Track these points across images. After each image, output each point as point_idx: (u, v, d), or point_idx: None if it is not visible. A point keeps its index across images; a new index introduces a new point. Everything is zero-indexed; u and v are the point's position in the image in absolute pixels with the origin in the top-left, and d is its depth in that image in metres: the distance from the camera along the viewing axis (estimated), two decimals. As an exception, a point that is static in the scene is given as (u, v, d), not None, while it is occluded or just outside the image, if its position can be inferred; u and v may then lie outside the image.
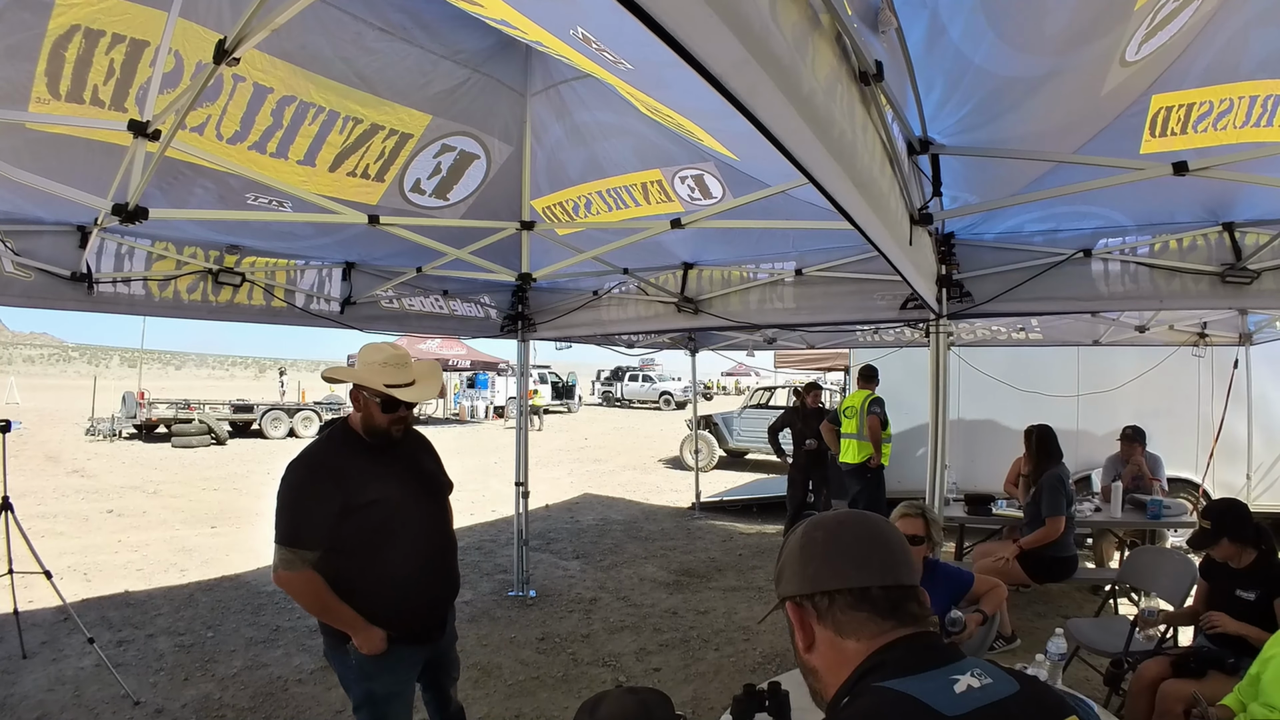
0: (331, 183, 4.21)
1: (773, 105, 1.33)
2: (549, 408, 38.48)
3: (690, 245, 5.77)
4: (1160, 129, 3.54)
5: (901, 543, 1.36)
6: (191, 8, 2.91)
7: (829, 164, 1.65)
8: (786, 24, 1.29)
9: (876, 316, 5.65)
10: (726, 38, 1.08)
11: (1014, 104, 2.79)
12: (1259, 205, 4.42)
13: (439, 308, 6.86)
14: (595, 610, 7.35)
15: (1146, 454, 8.21)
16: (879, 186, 2.15)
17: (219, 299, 5.36)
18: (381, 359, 3.31)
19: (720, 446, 18.94)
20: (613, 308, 6.78)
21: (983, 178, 3.69)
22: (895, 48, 2.20)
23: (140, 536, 10.29)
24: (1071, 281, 4.94)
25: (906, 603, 1.28)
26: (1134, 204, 4.61)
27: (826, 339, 10.72)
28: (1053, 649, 3.33)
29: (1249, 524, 4.16)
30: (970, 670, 1.16)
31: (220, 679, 5.60)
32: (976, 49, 2.37)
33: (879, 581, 1.28)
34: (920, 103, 2.68)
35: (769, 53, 1.22)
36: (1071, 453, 9.64)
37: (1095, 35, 2.48)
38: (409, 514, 3.35)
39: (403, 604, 3.32)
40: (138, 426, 22.78)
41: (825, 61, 1.57)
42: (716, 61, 1.15)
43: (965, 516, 7.61)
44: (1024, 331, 9.13)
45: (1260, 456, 9.37)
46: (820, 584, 1.31)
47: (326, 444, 3.35)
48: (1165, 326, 8.46)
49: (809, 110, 1.44)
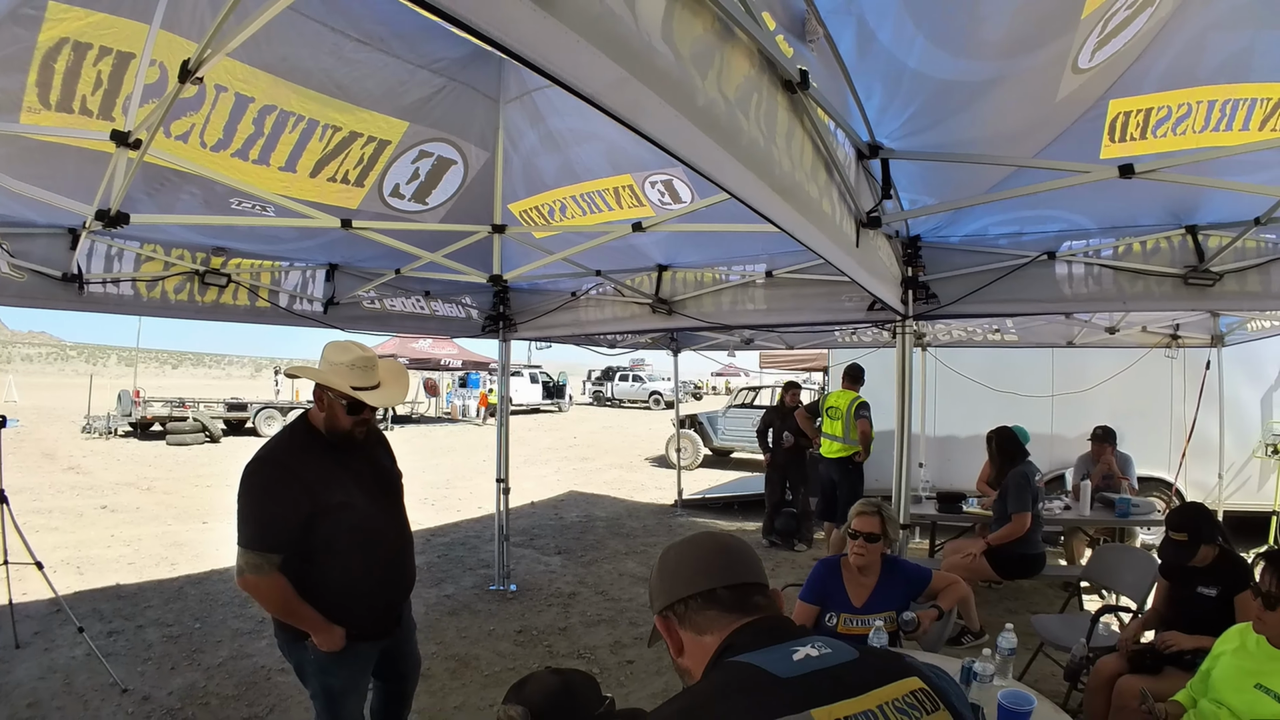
0: (313, 188, 4.32)
1: (661, 119, 1.42)
2: (540, 407, 38.64)
3: (664, 248, 5.89)
4: (1119, 133, 3.63)
5: (742, 550, 1.59)
6: (174, 21, 3.00)
7: (739, 171, 1.73)
8: (683, 41, 1.43)
9: (845, 317, 5.75)
10: (600, 61, 1.20)
11: (960, 107, 2.84)
12: (1221, 208, 4.52)
13: (420, 308, 6.99)
14: (574, 604, 7.49)
15: (1117, 454, 8.33)
16: (806, 191, 2.23)
17: (205, 299, 5.49)
18: (348, 360, 3.29)
19: (705, 445, 19.08)
20: (591, 308, 6.92)
21: (940, 181, 3.77)
22: (828, 55, 2.28)
23: (133, 531, 10.41)
24: (1036, 283, 5.06)
25: (751, 596, 1.50)
26: (1097, 207, 4.72)
27: (805, 339, 10.86)
28: (1002, 644, 3.41)
29: (1217, 524, 4.29)
30: (812, 643, 1.35)
31: (206, 668, 5.73)
32: (909, 53, 2.42)
33: (722, 583, 1.49)
34: (862, 108, 2.75)
35: (653, 70, 1.34)
36: (1046, 452, 9.86)
37: (1041, 43, 2.55)
38: (371, 515, 3.37)
39: (364, 604, 3.37)
40: (133, 424, 22.81)
41: (739, 72, 1.70)
42: (589, 83, 1.25)
43: (936, 514, 7.76)
44: (999, 333, 9.28)
45: (1232, 456, 9.47)
46: (675, 594, 1.53)
47: (288, 443, 3.32)
48: (1138, 328, 8.63)
49: (707, 121, 1.54)
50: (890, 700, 1.28)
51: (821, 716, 1.20)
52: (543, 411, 38.79)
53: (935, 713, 1.31)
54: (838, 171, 2.66)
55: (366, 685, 3.63)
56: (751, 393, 20.03)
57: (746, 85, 1.76)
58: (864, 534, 3.86)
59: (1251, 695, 3.01)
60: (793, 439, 10.15)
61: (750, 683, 1.27)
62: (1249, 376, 9.75)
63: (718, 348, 12.05)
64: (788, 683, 1.25)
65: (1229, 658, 3.25)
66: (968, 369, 10.49)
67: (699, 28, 1.51)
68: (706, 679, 1.39)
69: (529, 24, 1.07)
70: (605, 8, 1.20)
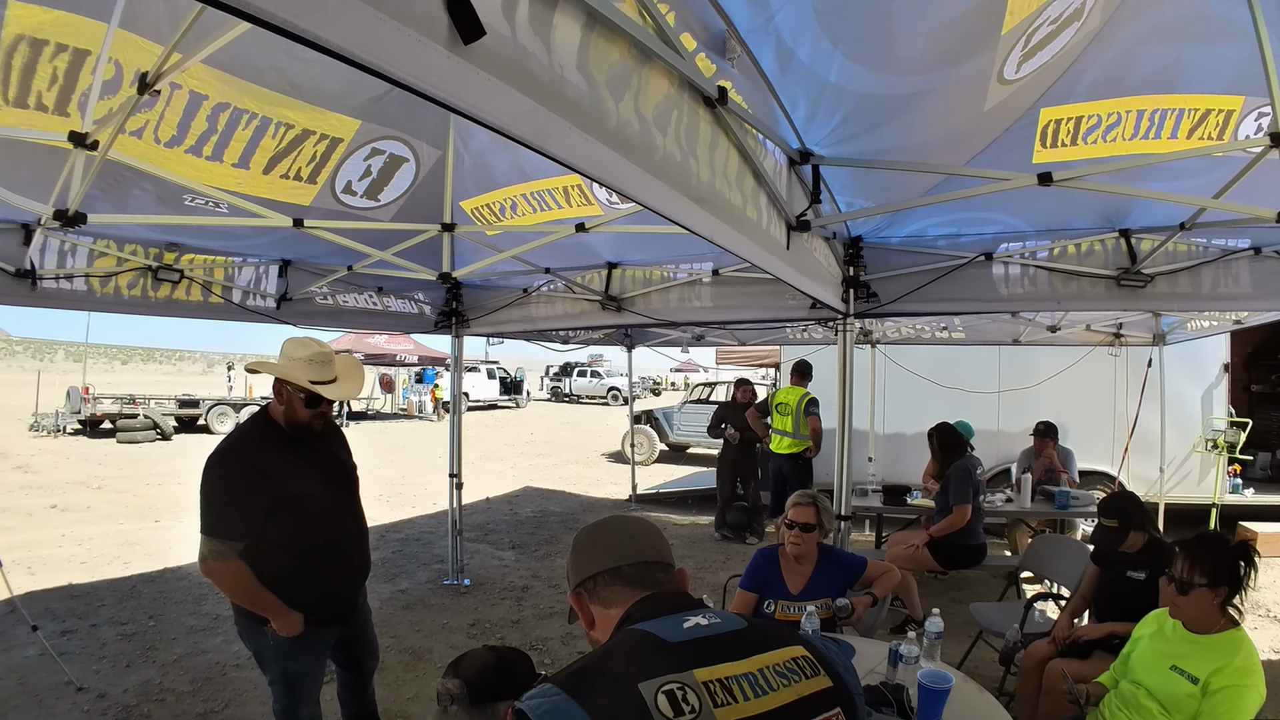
0: (265, 184, 4.34)
1: (569, 142, 1.51)
2: (497, 403, 38.50)
3: (614, 246, 5.96)
4: (1051, 140, 3.75)
5: (646, 531, 1.74)
6: (131, 20, 3.03)
7: (651, 183, 1.82)
8: (598, 68, 1.54)
9: (788, 315, 5.86)
10: (509, 95, 1.31)
11: (884, 119, 2.94)
12: (1154, 213, 4.68)
13: (373, 304, 7.02)
14: (527, 598, 7.57)
15: (1058, 448, 8.58)
16: (728, 199, 2.33)
17: (158, 295, 5.48)
18: (306, 355, 3.43)
19: (661, 440, 19.20)
20: (541, 305, 7.01)
21: (875, 185, 3.88)
22: (752, 71, 2.37)
23: (85, 531, 10.29)
24: (974, 283, 5.21)
25: (653, 573, 1.64)
26: (1033, 211, 4.88)
27: (757, 336, 10.99)
28: (930, 628, 3.50)
29: (1146, 512, 4.46)
30: (703, 614, 1.49)
31: (161, 665, 5.73)
32: (829, 69, 2.50)
33: (626, 560, 1.64)
34: (790, 118, 2.84)
35: (562, 99, 1.45)
36: (992, 447, 10.08)
37: (962, 59, 2.64)
38: (328, 505, 3.53)
39: (321, 590, 3.50)
40: (82, 422, 22.38)
41: (658, 91, 1.81)
42: (497, 116, 1.34)
43: (881, 506, 7.97)
44: (947, 331, 9.48)
45: (1173, 451, 9.79)
46: (585, 572, 1.67)
47: (249, 435, 3.46)
48: (1082, 327, 8.84)
49: (618, 140, 1.64)
50: (770, 665, 1.40)
51: (703, 675, 1.32)
52: (500, 407, 38.65)
53: (815, 677, 1.43)
54: (766, 178, 2.77)
55: (324, 670, 3.76)
56: (707, 388, 20.19)
57: (666, 103, 1.87)
58: (800, 524, 4.00)
59: (1166, 676, 3.16)
60: (737, 434, 10.32)
61: (640, 646, 1.40)
62: (1190, 374, 10.08)
63: (671, 344, 12.12)
64: (675, 646, 1.38)
65: (1147, 641, 3.40)
66: (917, 366, 10.72)
67: (615, 54, 1.62)
68: (604, 645, 1.52)
69: (445, 69, 1.17)
70: (518, 47, 1.31)
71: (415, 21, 1.10)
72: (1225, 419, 9.96)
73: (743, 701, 1.32)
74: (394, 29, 1.06)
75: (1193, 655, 3.12)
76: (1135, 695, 3.27)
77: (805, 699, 1.39)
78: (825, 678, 1.45)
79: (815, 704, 1.40)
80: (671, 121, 1.90)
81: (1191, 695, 3.04)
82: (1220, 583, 3.07)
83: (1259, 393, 12.46)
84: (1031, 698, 4.27)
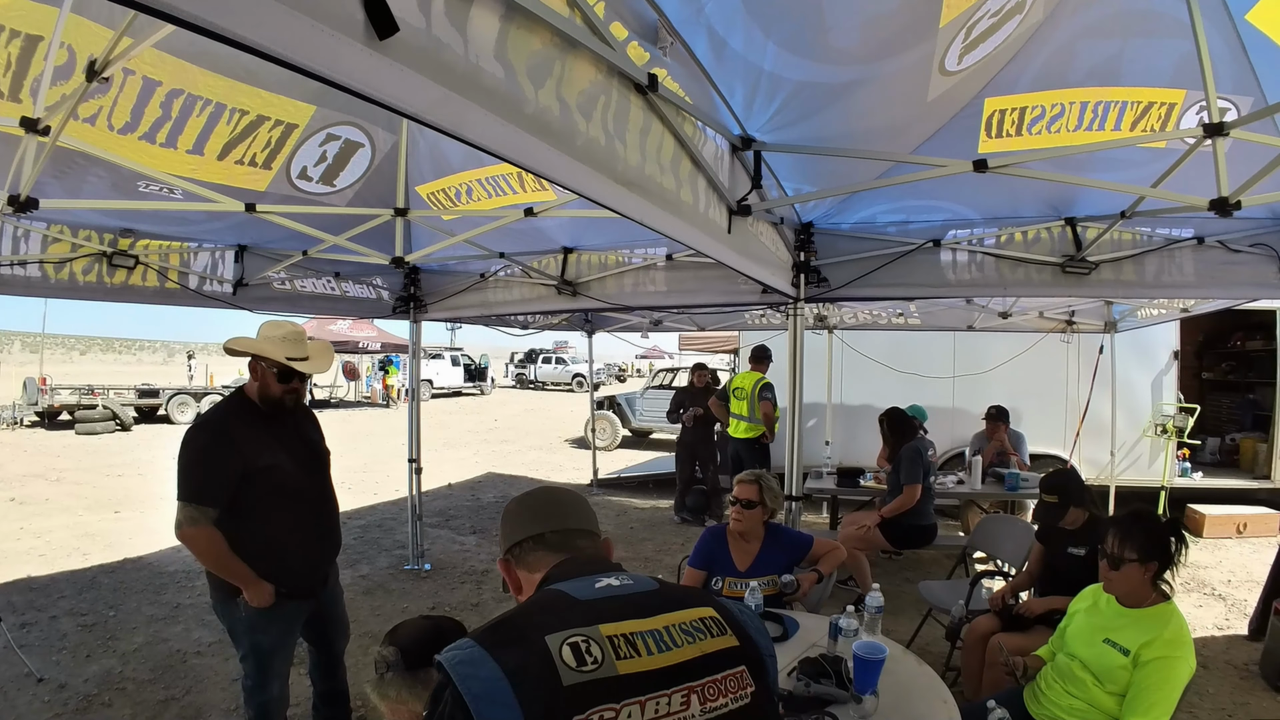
0: (220, 170, 4.33)
1: (485, 129, 1.58)
2: (462, 390, 38.45)
3: (570, 231, 5.98)
4: (996, 130, 3.83)
5: (571, 500, 1.83)
6: (84, 4, 3.03)
7: (573, 167, 1.88)
8: (517, 56, 1.61)
9: (740, 299, 5.94)
10: (423, 85, 1.38)
11: (823, 105, 3.00)
12: (1098, 203, 4.78)
13: (331, 289, 7.02)
14: (486, 582, 7.62)
15: (1010, 431, 8.74)
16: (660, 183, 2.39)
17: (114, 281, 5.48)
18: (281, 334, 3.65)
19: (624, 426, 19.31)
20: (499, 289, 7.03)
21: (822, 172, 3.97)
22: (688, 60, 2.43)
23: (43, 523, 10.20)
24: (922, 269, 5.30)
25: (575, 540, 1.73)
26: (980, 199, 4.97)
27: (716, 321, 11.09)
28: (870, 602, 3.60)
29: (1086, 489, 4.61)
30: (617, 576, 1.57)
31: (122, 654, 5.75)
32: (763, 58, 2.56)
33: (550, 528, 1.73)
34: (729, 105, 2.90)
35: (478, 87, 1.51)
36: (948, 431, 10.24)
37: (899, 50, 2.71)
38: (297, 478, 3.67)
39: (291, 562, 3.63)
40: (40, 414, 21.97)
41: (584, 78, 1.87)
42: (411, 104, 1.40)
43: (835, 488, 8.09)
44: (903, 317, 9.60)
45: (1123, 435, 10.02)
46: (512, 539, 1.75)
47: (224, 411, 3.64)
48: (1035, 314, 8.99)
49: (538, 126, 1.71)
50: (677, 623, 1.48)
51: (608, 630, 1.39)
52: (465, 394, 38.59)
53: (721, 636, 1.51)
54: (704, 164, 2.82)
55: (294, 645, 3.85)
56: (670, 374, 20.22)
57: (592, 89, 1.93)
58: (742, 500, 4.11)
59: (1100, 649, 3.23)
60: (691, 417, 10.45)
61: (553, 603, 1.48)
62: (1140, 361, 10.30)
63: (631, 329, 12.19)
64: (585, 603, 1.46)
65: (1082, 615, 3.50)
66: (874, 351, 10.85)
67: (536, 43, 1.68)
68: (520, 603, 1.59)
69: (361, 63, 1.24)
70: (432, 39, 1.38)
71: (334, 20, 1.17)
72: (1174, 404, 10.17)
73: (645, 656, 1.38)
74: (312, 27, 1.13)
75: (1125, 628, 3.19)
76: (1070, 667, 3.35)
77: (709, 655, 1.46)
78: (731, 637, 1.52)
79: (719, 661, 1.47)
80: (598, 107, 1.96)
81: (1123, 667, 3.11)
82: (1150, 558, 3.14)
83: (1210, 380, 12.72)
84: (976, 671, 4.42)
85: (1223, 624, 6.52)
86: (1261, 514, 9.63)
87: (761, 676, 1.52)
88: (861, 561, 6.42)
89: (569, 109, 1.83)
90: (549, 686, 1.28)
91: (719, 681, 1.44)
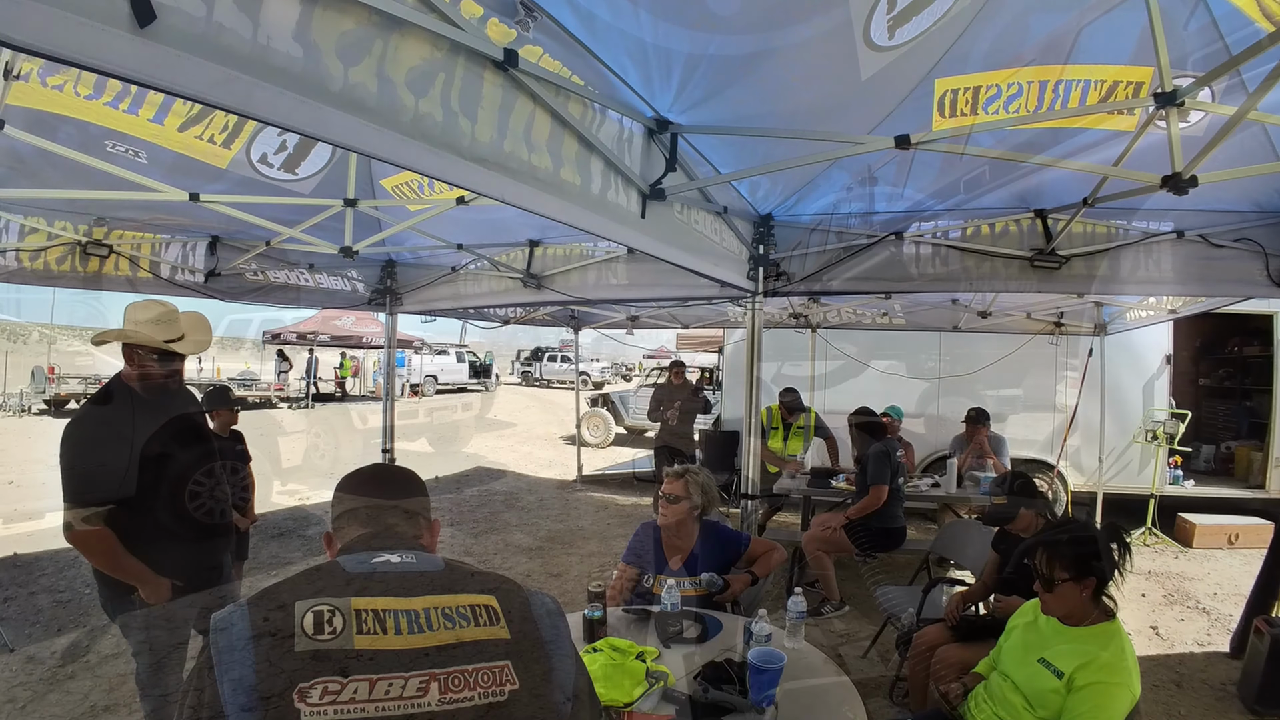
0: (181, 141, 4.23)
1: (277, 106, 1.58)
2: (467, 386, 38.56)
3: (536, 223, 5.88)
4: (949, 109, 3.62)
5: (394, 477, 1.85)
6: None
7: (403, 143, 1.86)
8: (323, 36, 1.60)
9: (699, 294, 5.80)
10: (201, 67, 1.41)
11: (729, 81, 2.87)
12: (1069, 191, 4.53)
13: (304, 280, 6.96)
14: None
15: (991, 435, 8.63)
16: (527, 161, 2.33)
17: (87, 270, 5.50)
18: (152, 316, 3.48)
19: (618, 423, 19.31)
20: (469, 282, 6.99)
21: (762, 158, 3.86)
22: (558, 34, 2.35)
23: (38, 505, 10.33)
24: (885, 263, 5.16)
25: (385, 516, 1.72)
26: (944, 188, 4.76)
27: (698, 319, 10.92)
28: (792, 607, 3.46)
29: (1038, 493, 4.53)
30: (401, 554, 1.55)
31: (91, 629, 5.89)
32: (639, 28, 2.44)
33: (364, 504, 1.73)
34: (627, 83, 2.80)
35: (268, 67, 1.53)
36: (933, 433, 10.17)
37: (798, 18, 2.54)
38: (188, 466, 3.55)
39: (184, 553, 3.51)
40: (48, 401, 22.40)
41: (414, 55, 1.85)
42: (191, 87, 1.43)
43: (806, 489, 7.99)
44: (887, 316, 9.44)
45: (1112, 441, 9.83)
46: (335, 513, 1.77)
47: (104, 401, 3.49)
48: (1023, 315, 8.83)
49: (346, 101, 1.70)
50: (441, 607, 1.44)
51: (359, 604, 1.38)
52: (470, 391, 38.68)
53: (489, 626, 1.46)
54: (601, 145, 2.75)
55: (188, 638, 3.74)
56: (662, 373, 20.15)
57: (427, 66, 1.91)
58: (666, 495, 3.98)
59: (1033, 669, 3.03)
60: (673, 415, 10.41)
61: (322, 573, 1.46)
62: (1130, 365, 10.10)
63: (616, 326, 12.08)
64: (349, 575, 1.45)
65: (1019, 631, 3.30)
66: (858, 351, 10.80)
67: (349, 23, 1.69)
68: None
69: (131, 51, 1.28)
70: (212, 24, 1.41)
71: (96, 12, 1.22)
72: (1166, 410, 9.97)
73: (391, 635, 1.37)
74: (77, 22, 1.19)
75: (1061, 648, 2.98)
76: (1002, 688, 3.16)
77: (465, 644, 1.42)
78: (503, 629, 1.47)
79: (477, 651, 1.42)
80: (436, 84, 1.94)
81: (1055, 690, 2.90)
82: (1086, 574, 2.93)
83: (1206, 386, 12.54)
84: (921, 682, 4.24)
85: (1204, 640, 6.31)
86: (1254, 525, 9.40)
87: (532, 676, 1.46)
88: (827, 564, 6.34)
89: (393, 86, 1.82)
90: (283, 650, 1.29)
91: (469, 673, 1.39)
